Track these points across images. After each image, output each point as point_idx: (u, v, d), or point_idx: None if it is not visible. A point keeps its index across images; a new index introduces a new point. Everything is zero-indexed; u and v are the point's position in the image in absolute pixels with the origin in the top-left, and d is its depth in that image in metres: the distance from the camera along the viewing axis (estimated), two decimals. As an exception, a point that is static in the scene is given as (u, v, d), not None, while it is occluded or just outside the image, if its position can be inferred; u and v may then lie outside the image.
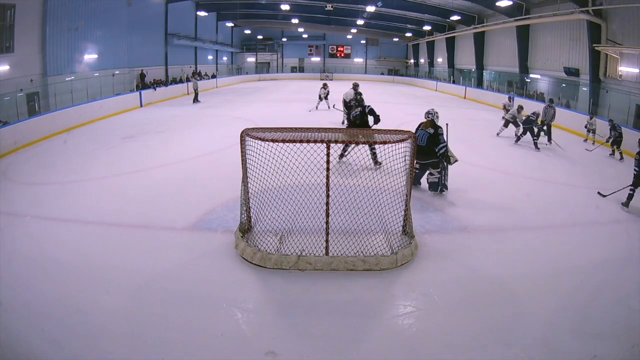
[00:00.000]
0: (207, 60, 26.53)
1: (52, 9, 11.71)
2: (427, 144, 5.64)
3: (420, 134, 5.71)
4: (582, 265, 4.04)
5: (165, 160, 7.65)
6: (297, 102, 16.44)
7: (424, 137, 5.68)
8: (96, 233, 4.60)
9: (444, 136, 5.70)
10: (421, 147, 5.52)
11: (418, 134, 5.63)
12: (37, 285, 3.52)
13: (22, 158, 8.10)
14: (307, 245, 3.99)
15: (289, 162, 4.02)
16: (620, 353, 2.86)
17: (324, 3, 21.86)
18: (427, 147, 5.63)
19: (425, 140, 5.65)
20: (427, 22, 24.42)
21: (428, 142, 5.65)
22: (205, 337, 2.92)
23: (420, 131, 5.75)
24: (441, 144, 5.64)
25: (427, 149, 5.63)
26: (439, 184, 5.78)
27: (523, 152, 8.97)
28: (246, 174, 4.17)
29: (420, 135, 5.68)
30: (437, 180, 5.78)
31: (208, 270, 3.82)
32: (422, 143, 5.62)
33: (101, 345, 2.84)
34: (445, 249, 4.27)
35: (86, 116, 11.90)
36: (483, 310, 3.30)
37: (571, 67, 14.29)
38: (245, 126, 4.34)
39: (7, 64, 10.52)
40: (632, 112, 10.76)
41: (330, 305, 3.34)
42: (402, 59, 35.06)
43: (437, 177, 5.77)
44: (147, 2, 17.79)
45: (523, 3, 15.94)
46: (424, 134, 5.70)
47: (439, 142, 5.64)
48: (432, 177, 5.83)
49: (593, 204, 5.79)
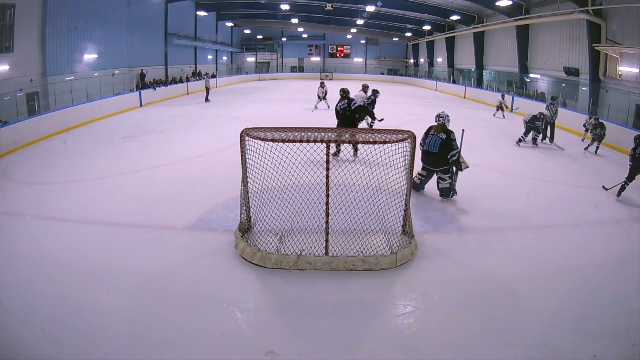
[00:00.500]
0: (207, 60, 26.53)
1: (52, 9, 11.71)
2: (440, 150, 5.25)
3: (432, 139, 5.31)
4: (582, 265, 4.04)
5: (165, 160, 7.65)
6: (297, 102, 16.44)
7: (436, 143, 5.27)
8: (96, 233, 4.60)
9: (457, 142, 5.29)
10: (433, 154, 5.22)
11: (429, 140, 5.32)
12: (37, 285, 3.52)
13: (22, 158, 8.09)
14: (307, 245, 3.99)
15: (289, 162, 4.02)
16: (620, 353, 2.86)
17: (324, 3, 21.86)
18: (439, 153, 5.25)
19: (437, 147, 5.26)
20: (427, 22, 24.43)
21: (440, 148, 5.25)
22: (205, 337, 2.92)
23: (432, 136, 5.34)
24: (454, 149, 5.25)
25: (439, 155, 5.26)
26: (450, 189, 5.44)
27: (523, 152, 8.97)
28: (246, 174, 4.17)
29: (432, 142, 5.30)
30: (449, 186, 5.42)
31: (208, 270, 3.82)
32: (435, 149, 5.26)
33: (101, 345, 2.84)
34: (445, 249, 4.27)
35: (86, 116, 11.89)
36: (483, 310, 3.30)
37: (571, 67, 14.29)
38: (245, 126, 4.35)
39: (7, 64, 10.52)
40: (632, 112, 10.76)
41: (330, 305, 3.34)
42: (402, 59, 35.06)
43: (449, 182, 5.41)
44: (147, 2, 17.79)
45: (523, 3, 15.94)
46: (436, 140, 5.28)
47: (452, 147, 5.24)
48: (443, 182, 5.44)
49: (593, 204, 5.79)
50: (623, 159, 8.50)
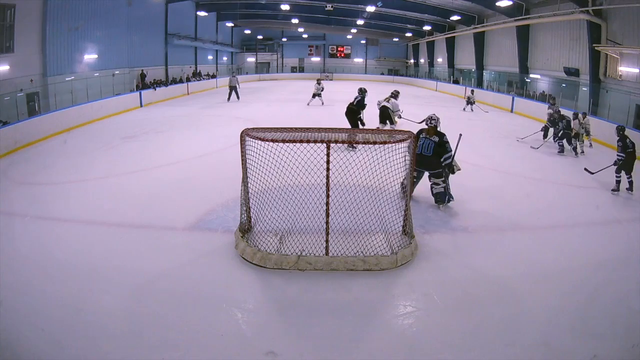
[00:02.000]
0: (207, 60, 26.51)
1: (52, 9, 11.69)
2: (434, 152, 5.19)
3: (425, 142, 5.23)
4: (582, 265, 4.04)
5: (165, 160, 7.65)
6: (297, 102, 16.43)
7: (429, 145, 5.21)
8: (96, 233, 4.60)
9: (450, 144, 5.27)
10: (426, 156, 5.18)
11: (422, 143, 5.22)
12: (37, 285, 3.52)
13: (22, 158, 8.09)
14: (307, 245, 3.99)
15: (289, 162, 4.02)
16: (620, 353, 2.86)
17: (324, 3, 21.86)
18: (433, 155, 5.19)
19: (431, 150, 5.19)
20: (427, 22, 24.41)
21: (434, 150, 5.20)
22: (205, 337, 2.92)
23: (424, 139, 5.26)
24: (448, 152, 5.22)
25: (432, 158, 5.20)
26: (445, 194, 5.34)
27: (523, 152, 8.97)
28: (246, 174, 4.17)
29: (425, 144, 5.22)
30: (443, 190, 5.32)
31: (208, 270, 3.82)
32: (429, 153, 5.20)
33: (101, 345, 2.84)
34: (445, 249, 4.28)
35: (86, 116, 11.88)
36: (483, 310, 3.30)
37: (571, 67, 14.29)
38: (245, 126, 4.35)
39: (7, 64, 10.51)
40: (632, 112, 10.76)
41: (330, 305, 3.34)
42: (402, 59, 35.03)
43: (443, 186, 5.31)
44: (147, 2, 17.77)
45: (523, 3, 15.94)
46: (429, 143, 5.22)
47: (446, 150, 5.21)
48: (437, 187, 5.32)
49: (593, 204, 5.80)
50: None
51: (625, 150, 6.07)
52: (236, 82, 17.23)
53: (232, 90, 16.96)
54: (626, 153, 6.07)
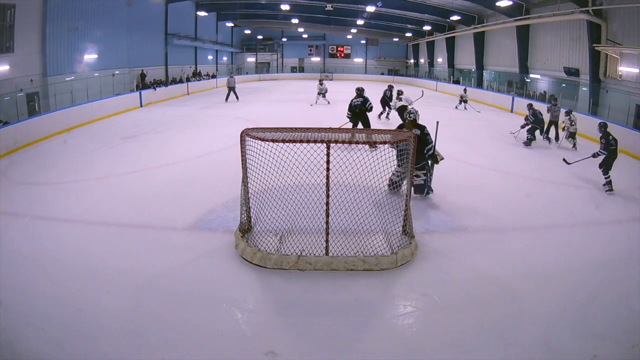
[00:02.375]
0: (207, 60, 26.51)
1: (52, 9, 11.69)
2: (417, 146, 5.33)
3: None
4: (582, 265, 4.04)
5: (165, 160, 7.65)
6: (297, 102, 16.44)
7: None
8: (96, 233, 4.60)
9: (431, 135, 5.39)
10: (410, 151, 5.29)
11: None
12: (37, 285, 3.53)
13: (22, 158, 8.09)
14: (307, 245, 3.99)
15: (289, 162, 4.02)
16: (620, 353, 2.86)
17: (324, 3, 21.84)
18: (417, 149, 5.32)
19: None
20: (427, 22, 24.40)
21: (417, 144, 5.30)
22: (205, 337, 2.92)
23: None
24: (429, 144, 5.36)
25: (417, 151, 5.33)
26: (424, 186, 5.48)
27: (523, 152, 8.97)
28: (246, 174, 4.17)
29: None
30: (423, 182, 5.47)
31: (208, 270, 3.82)
32: None
33: (101, 345, 2.84)
34: (445, 249, 4.27)
35: (86, 116, 11.88)
36: (483, 310, 3.30)
37: (571, 67, 14.28)
38: (245, 126, 4.35)
39: (7, 64, 10.51)
40: (632, 112, 10.75)
41: (330, 305, 3.34)
42: (402, 59, 35.01)
43: (423, 179, 5.45)
44: (147, 2, 17.77)
45: (523, 3, 15.93)
46: None
47: (427, 142, 5.34)
48: (417, 179, 5.44)
49: (593, 204, 5.80)
50: (624, 159, 8.51)
51: (608, 148, 6.11)
52: (234, 82, 17.26)
53: (231, 90, 16.99)
54: (609, 150, 6.11)
